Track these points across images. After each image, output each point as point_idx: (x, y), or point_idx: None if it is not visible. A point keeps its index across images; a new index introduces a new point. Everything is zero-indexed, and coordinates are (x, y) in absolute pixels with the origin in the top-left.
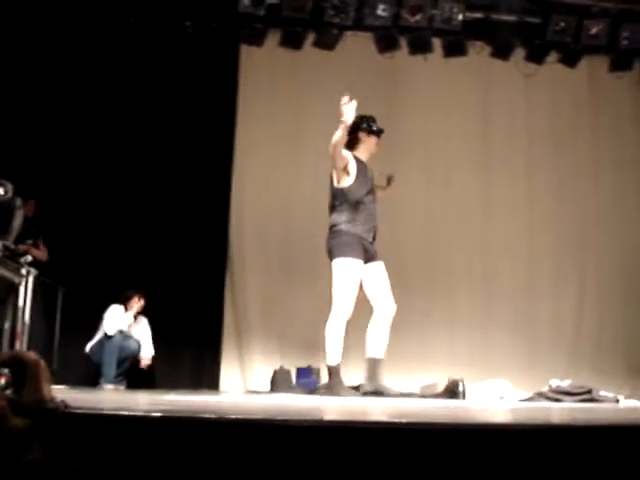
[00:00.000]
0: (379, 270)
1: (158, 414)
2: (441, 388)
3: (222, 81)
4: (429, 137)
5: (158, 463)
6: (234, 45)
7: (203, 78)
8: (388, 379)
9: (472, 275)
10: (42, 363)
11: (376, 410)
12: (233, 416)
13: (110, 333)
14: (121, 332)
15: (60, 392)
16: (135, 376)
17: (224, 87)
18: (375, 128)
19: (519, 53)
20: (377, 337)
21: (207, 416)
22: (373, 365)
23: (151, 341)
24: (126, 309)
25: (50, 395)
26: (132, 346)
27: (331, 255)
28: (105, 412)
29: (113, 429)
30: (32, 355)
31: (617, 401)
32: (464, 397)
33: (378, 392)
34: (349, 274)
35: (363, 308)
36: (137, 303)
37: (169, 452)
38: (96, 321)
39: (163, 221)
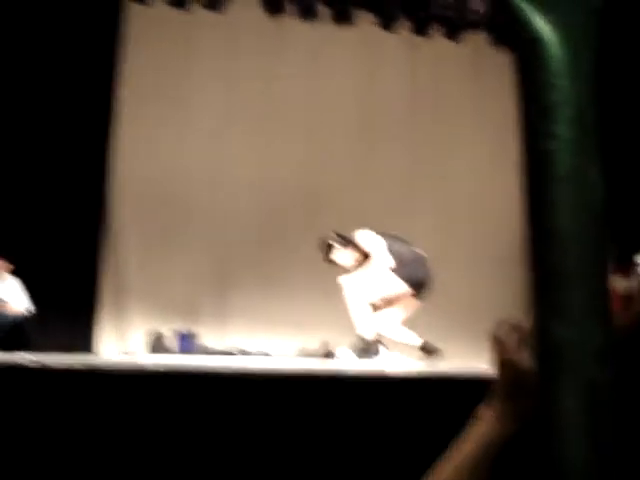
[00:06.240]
0: None
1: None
2: (316, 349)
3: (103, 38)
4: (311, 104)
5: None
6: (117, 1)
7: (83, 37)
8: (270, 342)
9: None
10: None
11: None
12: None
13: None
14: None
15: None
16: (8, 341)
17: (106, 46)
18: None
19: (405, 26)
20: None
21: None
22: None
23: (27, 300)
24: None
25: None
26: (9, 315)
27: None
28: None
29: None
30: None
31: None
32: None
33: None
34: None
35: None
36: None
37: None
38: None
39: (36, 178)
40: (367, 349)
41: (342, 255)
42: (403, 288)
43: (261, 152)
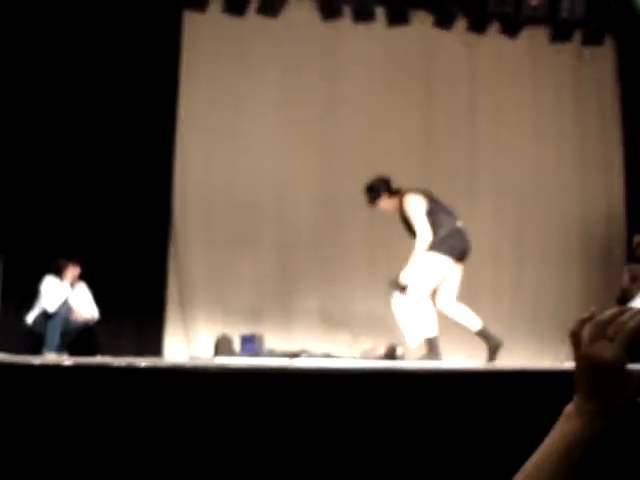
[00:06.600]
0: None
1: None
2: (381, 352)
3: (164, 48)
4: (371, 107)
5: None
6: (177, 11)
7: (145, 44)
8: (333, 344)
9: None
10: None
11: None
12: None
13: (51, 310)
14: (64, 304)
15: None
16: (78, 346)
17: (166, 54)
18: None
19: (461, 24)
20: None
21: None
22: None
23: (93, 304)
24: (61, 279)
25: None
26: (77, 321)
27: None
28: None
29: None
30: None
31: None
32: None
33: None
34: None
35: None
36: (71, 272)
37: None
38: (37, 289)
39: (105, 187)
40: (434, 350)
41: (386, 203)
42: (449, 264)
43: (322, 155)
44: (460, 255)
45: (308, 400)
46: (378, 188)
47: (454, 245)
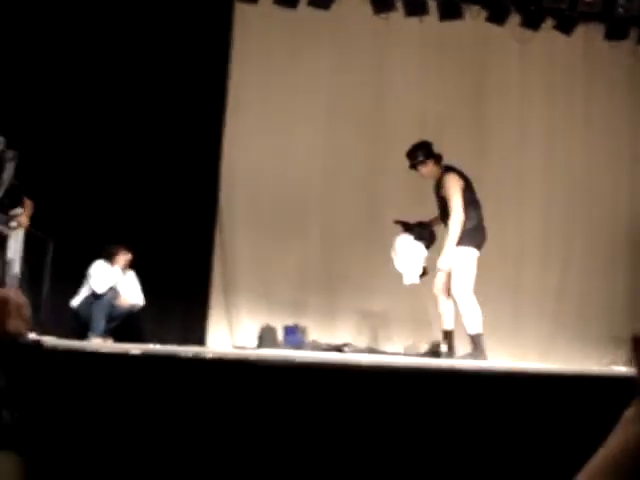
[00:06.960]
0: None
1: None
2: (424, 349)
3: (215, 39)
4: (421, 102)
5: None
6: (228, 2)
7: (196, 36)
8: (377, 340)
9: None
10: (13, 300)
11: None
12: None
13: (99, 292)
14: (111, 288)
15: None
16: (122, 332)
17: (217, 45)
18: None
19: (515, 20)
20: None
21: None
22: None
23: (140, 293)
24: (111, 264)
25: (17, 330)
26: (123, 306)
27: None
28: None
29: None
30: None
31: None
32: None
33: None
34: None
35: None
36: (122, 257)
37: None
38: (84, 274)
39: (153, 175)
40: (479, 348)
41: (428, 168)
42: (476, 255)
43: (369, 148)
44: (481, 246)
45: (360, 394)
46: (423, 153)
47: (477, 237)
